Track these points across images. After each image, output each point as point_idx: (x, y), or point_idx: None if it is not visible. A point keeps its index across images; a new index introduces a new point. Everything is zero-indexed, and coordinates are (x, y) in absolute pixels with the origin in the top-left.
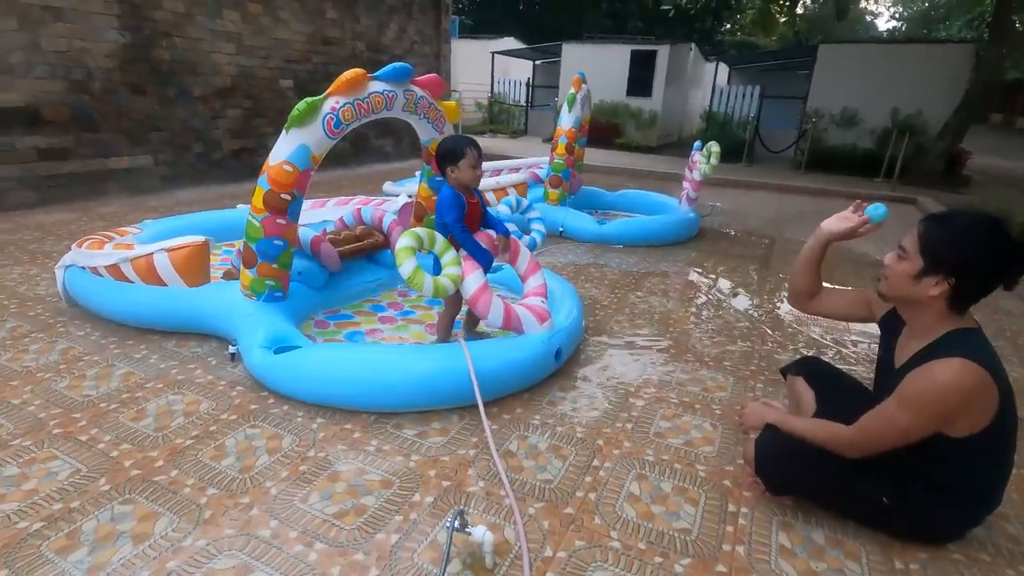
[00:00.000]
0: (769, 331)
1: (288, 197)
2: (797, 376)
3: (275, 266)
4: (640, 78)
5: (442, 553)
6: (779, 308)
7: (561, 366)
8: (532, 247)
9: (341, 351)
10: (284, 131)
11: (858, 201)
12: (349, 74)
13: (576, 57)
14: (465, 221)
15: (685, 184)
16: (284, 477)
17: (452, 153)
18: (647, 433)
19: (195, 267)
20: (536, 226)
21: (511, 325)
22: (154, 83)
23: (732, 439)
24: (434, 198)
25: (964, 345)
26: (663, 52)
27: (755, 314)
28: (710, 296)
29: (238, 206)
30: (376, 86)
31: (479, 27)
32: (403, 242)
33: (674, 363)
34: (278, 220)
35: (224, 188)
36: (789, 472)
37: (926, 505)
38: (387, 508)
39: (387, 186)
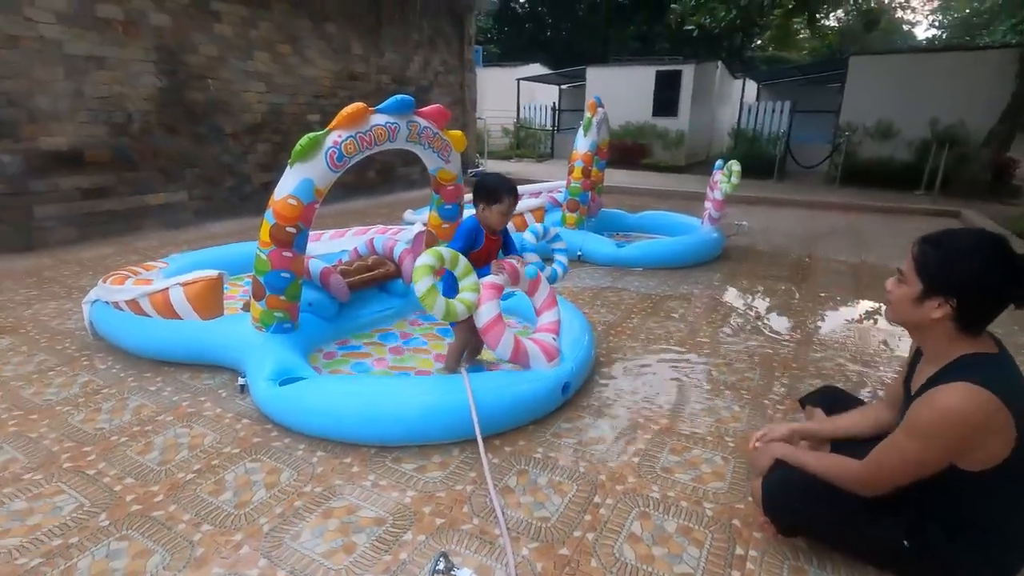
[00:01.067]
0: (792, 357)
1: (293, 230)
2: (816, 407)
3: (283, 298)
4: (666, 98)
5: None
6: (804, 332)
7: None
8: (553, 279)
9: (342, 383)
10: (288, 166)
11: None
12: (350, 108)
13: (600, 80)
14: (477, 255)
15: (707, 204)
16: (279, 513)
17: (490, 194)
18: (654, 468)
19: (209, 301)
20: (559, 256)
21: (518, 359)
22: (188, 123)
23: (744, 474)
24: (444, 226)
25: (973, 369)
26: (688, 71)
27: (778, 338)
28: (732, 320)
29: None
30: (378, 119)
31: (506, 55)
32: (423, 260)
33: (688, 391)
34: (284, 253)
35: (254, 220)
36: (800, 511)
37: (947, 548)
38: (377, 547)
39: (407, 214)
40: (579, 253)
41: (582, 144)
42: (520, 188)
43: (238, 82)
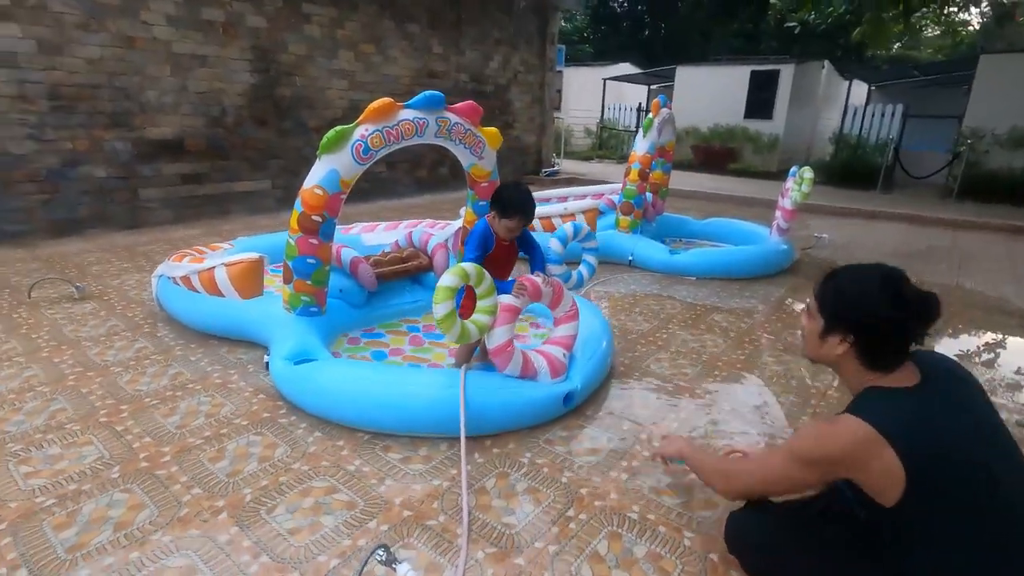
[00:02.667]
0: (835, 387)
1: (319, 219)
2: None
3: (309, 283)
4: (760, 100)
5: None
6: None
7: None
8: (578, 284)
9: (345, 367)
10: (317, 157)
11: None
12: (378, 103)
13: (690, 80)
14: (493, 259)
15: (777, 213)
16: (263, 486)
17: (503, 207)
18: (641, 487)
19: (248, 281)
20: (588, 257)
21: (528, 375)
22: (275, 117)
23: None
24: None
25: (867, 402)
26: (787, 71)
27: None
28: (777, 339)
29: None
30: (406, 114)
31: (600, 55)
32: (446, 280)
33: (703, 412)
34: (310, 240)
35: None
36: (764, 552)
37: None
38: (340, 531)
39: (462, 210)
40: (630, 258)
41: (641, 146)
42: (582, 190)
43: (323, 79)
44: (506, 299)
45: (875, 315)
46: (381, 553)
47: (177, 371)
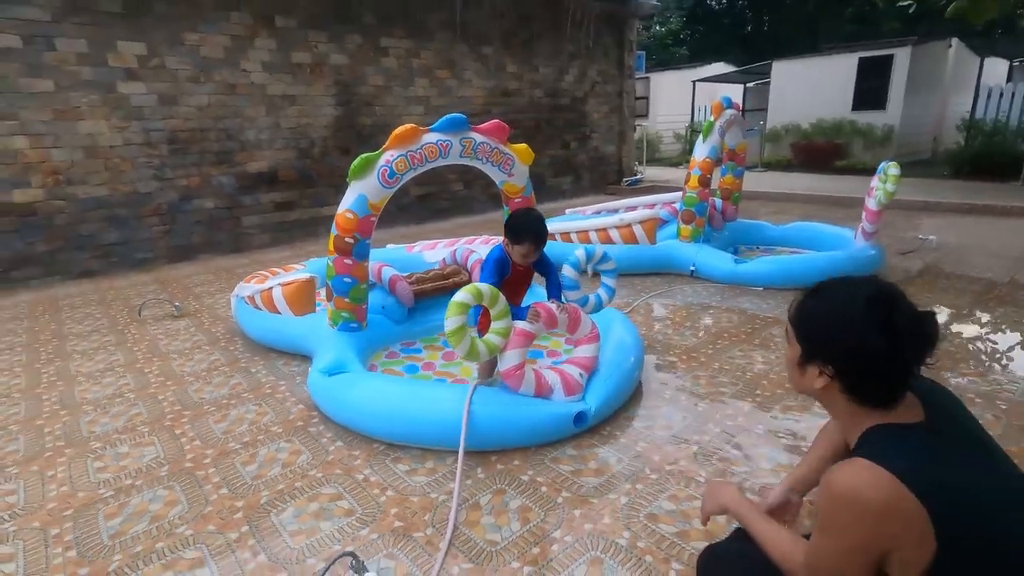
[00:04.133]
0: None
1: (351, 240)
2: None
3: (347, 300)
4: (871, 89)
5: None
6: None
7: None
8: (597, 307)
9: (364, 381)
10: (347, 183)
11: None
12: (401, 129)
13: (788, 74)
14: (508, 284)
15: (863, 214)
16: (279, 490)
17: (515, 234)
18: (638, 512)
19: (300, 300)
20: (606, 280)
21: (543, 394)
22: (357, 144)
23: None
24: None
25: (875, 444)
26: (902, 55)
27: None
28: None
29: (387, 246)
30: (430, 137)
31: (697, 56)
32: (459, 297)
33: (730, 437)
34: (345, 260)
35: (408, 229)
36: None
37: None
38: (334, 536)
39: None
40: (692, 268)
41: (700, 150)
42: (651, 198)
43: (400, 106)
44: (521, 325)
45: (857, 344)
46: (352, 561)
47: (237, 381)
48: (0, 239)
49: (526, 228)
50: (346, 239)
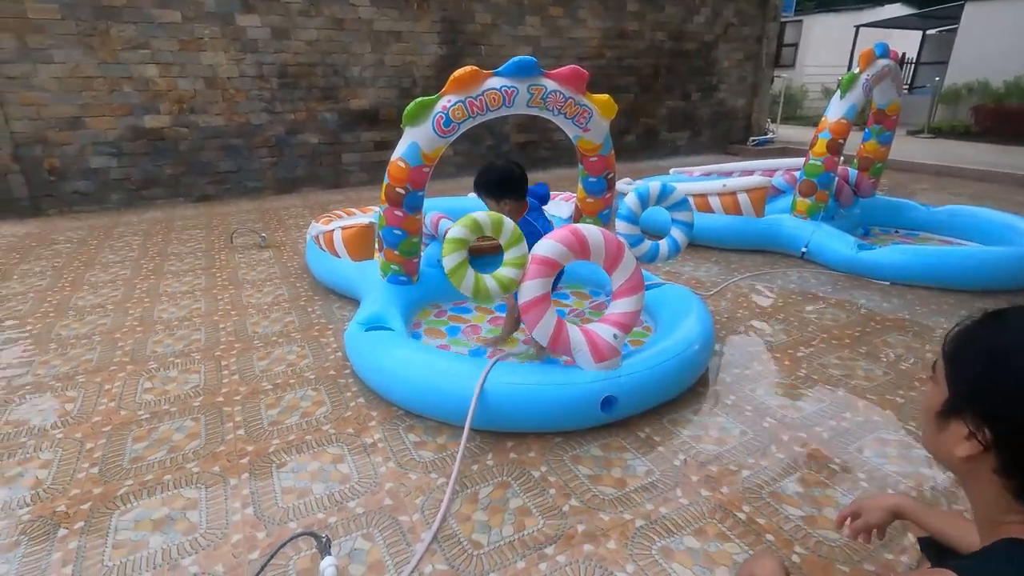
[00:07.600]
0: None
1: (402, 191)
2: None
3: (397, 253)
4: None
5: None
6: None
7: (613, 418)
8: (652, 256)
9: (386, 342)
10: (402, 129)
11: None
12: (461, 71)
13: (983, 18)
14: None
15: None
16: (290, 440)
17: (488, 190)
18: (653, 540)
19: (359, 245)
20: (675, 232)
21: (557, 349)
22: None
23: None
24: (589, 201)
25: (993, 560)
26: None
27: None
28: None
29: (470, 195)
30: (493, 82)
31: None
32: (454, 232)
33: (795, 469)
34: (396, 212)
35: None
36: None
37: None
38: (321, 504)
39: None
40: (803, 249)
41: (835, 109)
42: (773, 163)
43: (507, 47)
44: (540, 247)
45: None
46: (323, 536)
47: (291, 319)
48: (134, 161)
49: (506, 183)
50: (397, 189)
